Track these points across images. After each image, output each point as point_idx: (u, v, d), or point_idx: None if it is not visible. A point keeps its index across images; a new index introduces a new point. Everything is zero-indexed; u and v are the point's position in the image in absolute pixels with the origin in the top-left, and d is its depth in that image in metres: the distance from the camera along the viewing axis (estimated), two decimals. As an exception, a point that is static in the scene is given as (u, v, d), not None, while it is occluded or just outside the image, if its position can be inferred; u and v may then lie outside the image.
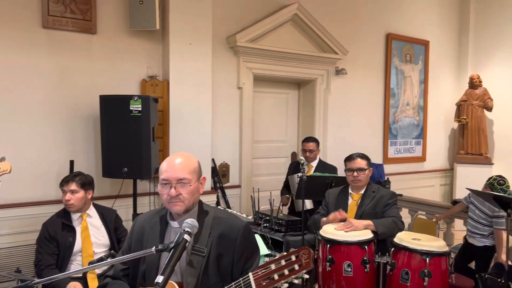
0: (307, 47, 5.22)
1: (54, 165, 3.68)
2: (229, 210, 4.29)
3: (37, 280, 1.50)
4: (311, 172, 4.23)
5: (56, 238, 2.88)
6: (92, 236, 2.94)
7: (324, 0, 5.42)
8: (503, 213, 3.55)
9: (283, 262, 1.47)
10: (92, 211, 3.04)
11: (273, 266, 1.47)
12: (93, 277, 2.83)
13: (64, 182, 2.96)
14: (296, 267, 1.45)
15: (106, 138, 3.56)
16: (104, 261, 1.63)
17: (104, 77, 3.90)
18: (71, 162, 3.66)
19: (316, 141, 4.42)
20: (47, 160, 3.66)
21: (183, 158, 1.72)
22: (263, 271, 1.48)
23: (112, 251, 2.49)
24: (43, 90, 3.64)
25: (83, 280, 2.79)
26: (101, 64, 3.89)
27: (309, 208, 4.09)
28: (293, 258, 1.46)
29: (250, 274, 1.50)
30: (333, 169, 4.27)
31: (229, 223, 1.73)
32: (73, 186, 2.92)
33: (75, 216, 2.97)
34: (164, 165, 1.71)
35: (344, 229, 2.95)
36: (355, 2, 5.74)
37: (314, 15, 5.14)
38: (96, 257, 2.83)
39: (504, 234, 3.55)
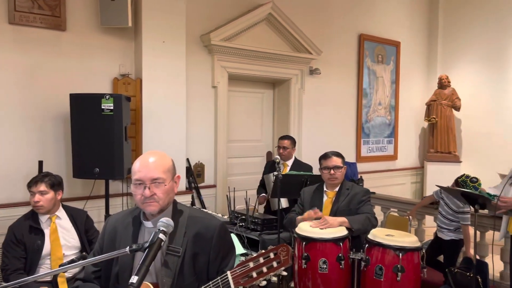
0: (282, 46, 5.24)
1: (22, 166, 3.54)
2: (205, 210, 4.26)
3: (4, 285, 1.44)
4: (287, 171, 4.25)
5: (24, 241, 2.77)
6: (61, 238, 2.85)
7: (298, 0, 5.45)
8: (468, 209, 3.67)
9: (261, 260, 1.46)
10: (61, 212, 2.95)
11: (251, 264, 1.46)
12: (62, 281, 2.74)
13: (33, 183, 2.85)
14: (275, 264, 1.45)
15: (76, 137, 3.47)
16: (76, 263, 1.58)
17: (74, 75, 3.79)
18: (40, 163, 3.53)
19: (291, 139, 4.44)
20: (14, 161, 3.52)
21: (157, 156, 1.68)
22: (242, 269, 1.46)
23: (83, 253, 2.42)
24: (10, 88, 3.50)
25: (53, 283, 2.69)
26: (71, 62, 3.78)
27: (284, 207, 4.11)
28: (272, 255, 1.46)
29: (228, 272, 1.48)
30: (309, 168, 4.31)
31: (205, 222, 1.71)
32: (42, 187, 2.83)
33: (43, 218, 2.87)
34: (137, 165, 1.65)
35: (320, 226, 2.97)
36: (328, 3, 5.80)
37: (288, 15, 5.17)
38: (66, 259, 2.75)
39: (471, 229, 3.67)
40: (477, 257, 3.45)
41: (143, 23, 3.98)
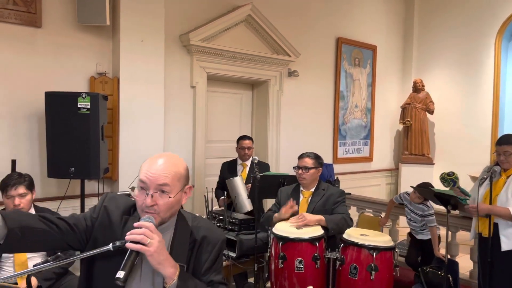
0: (261, 48, 5.27)
1: (-6, 165, 3.46)
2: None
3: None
4: (246, 171, 4.29)
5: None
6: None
7: (277, 3, 5.50)
8: (432, 211, 3.75)
9: None
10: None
11: None
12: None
13: (11, 186, 2.71)
14: None
15: (51, 136, 3.40)
16: (49, 263, 1.55)
17: (50, 73, 3.72)
18: (13, 162, 3.45)
19: (252, 138, 4.52)
20: (-15, 160, 3.44)
21: (169, 160, 1.49)
22: None
23: (58, 253, 2.37)
24: (-19, 85, 3.42)
25: (27, 285, 2.63)
26: (47, 60, 3.71)
27: (249, 210, 4.12)
28: None
29: None
30: (266, 166, 4.38)
31: (210, 228, 1.62)
32: (21, 189, 2.72)
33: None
34: (145, 164, 1.48)
35: (298, 221, 3.02)
36: (307, 6, 5.87)
37: (267, 17, 5.20)
38: (30, 262, 2.66)
39: (443, 229, 3.75)
40: (449, 256, 3.53)
41: (121, 22, 3.94)
